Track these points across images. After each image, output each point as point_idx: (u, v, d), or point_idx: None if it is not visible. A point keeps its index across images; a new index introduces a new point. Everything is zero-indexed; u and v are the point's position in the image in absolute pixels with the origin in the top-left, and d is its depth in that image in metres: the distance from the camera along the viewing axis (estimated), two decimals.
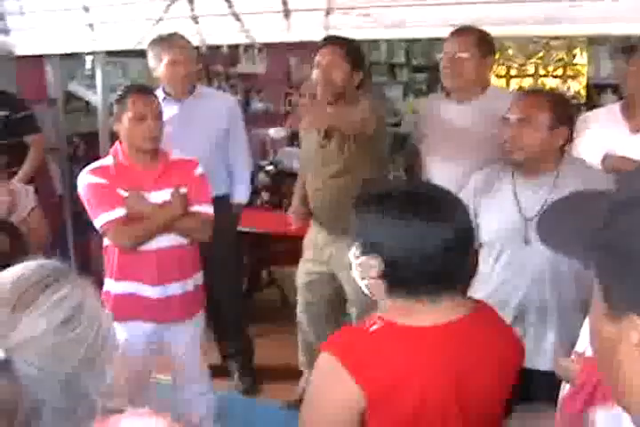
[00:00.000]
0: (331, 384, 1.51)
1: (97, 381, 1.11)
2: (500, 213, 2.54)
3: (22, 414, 1.00)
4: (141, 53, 3.72)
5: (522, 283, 2.51)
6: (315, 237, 3.46)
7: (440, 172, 3.10)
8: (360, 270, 1.60)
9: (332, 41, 3.18)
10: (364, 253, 1.57)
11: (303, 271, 3.55)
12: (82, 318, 1.10)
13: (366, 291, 1.62)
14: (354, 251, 1.61)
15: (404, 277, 1.53)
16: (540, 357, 2.46)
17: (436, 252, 1.48)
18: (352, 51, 3.17)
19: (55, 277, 1.12)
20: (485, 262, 2.55)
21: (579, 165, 2.58)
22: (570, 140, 2.56)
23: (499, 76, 6.37)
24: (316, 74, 3.19)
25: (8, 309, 1.05)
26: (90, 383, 1.09)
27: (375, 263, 1.54)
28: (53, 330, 1.05)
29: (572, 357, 1.90)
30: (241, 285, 4.44)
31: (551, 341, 2.53)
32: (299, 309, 3.62)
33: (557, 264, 2.45)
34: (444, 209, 1.52)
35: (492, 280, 2.55)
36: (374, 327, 1.53)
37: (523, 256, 2.49)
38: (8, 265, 1.15)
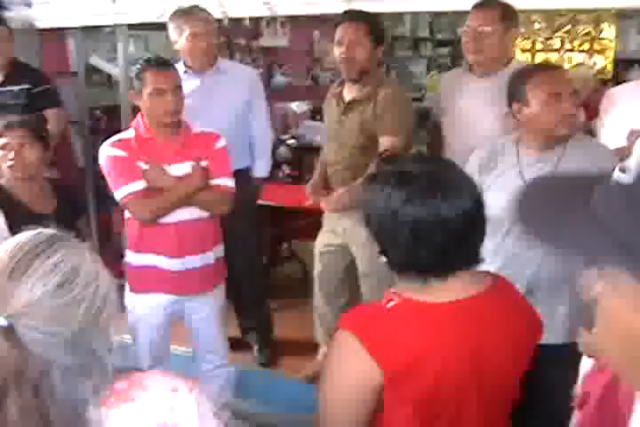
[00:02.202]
0: (348, 362, 1.51)
1: (102, 339, 1.16)
2: (507, 189, 2.53)
3: (31, 375, 1.05)
4: (163, 26, 3.71)
5: (533, 257, 2.51)
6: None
7: (461, 146, 3.07)
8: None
9: (352, 17, 3.14)
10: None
11: (320, 242, 3.56)
12: (78, 280, 1.14)
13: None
14: None
15: (397, 262, 1.55)
16: (552, 331, 2.46)
17: (419, 236, 1.47)
18: (374, 26, 3.13)
19: (49, 244, 1.16)
20: (492, 238, 2.54)
21: (583, 139, 2.61)
22: None
23: (524, 50, 6.28)
24: (338, 52, 3.16)
25: (5, 277, 1.10)
26: (95, 342, 1.14)
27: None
28: (50, 293, 1.10)
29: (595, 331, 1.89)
30: (261, 258, 4.45)
31: (562, 315, 2.53)
32: (314, 279, 3.64)
33: None
34: (445, 190, 1.48)
35: (499, 255, 2.54)
36: (391, 304, 1.52)
37: None
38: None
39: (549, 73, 2.53)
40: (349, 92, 3.26)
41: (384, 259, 1.58)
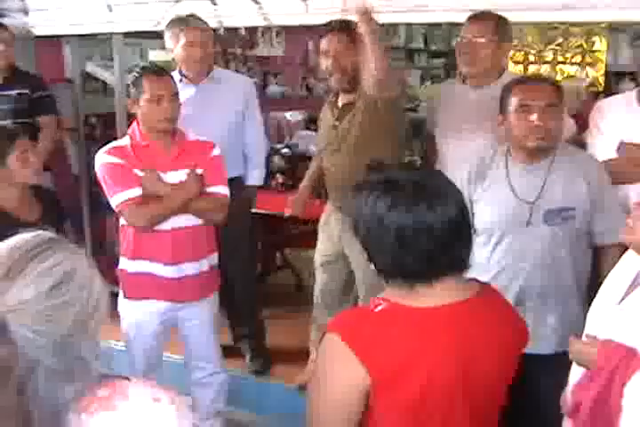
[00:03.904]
0: (337, 366, 1.54)
1: (90, 344, 1.18)
2: (497, 201, 2.56)
3: (18, 373, 1.06)
4: (159, 35, 3.73)
5: (523, 267, 2.54)
6: (328, 218, 3.48)
7: (454, 156, 3.10)
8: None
9: (336, 28, 3.16)
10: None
11: (319, 252, 3.57)
12: (72, 284, 1.16)
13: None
14: None
15: (384, 268, 1.59)
16: (541, 341, 2.48)
17: (404, 242, 1.51)
18: (357, 35, 3.13)
19: (46, 247, 1.18)
20: (481, 250, 2.57)
21: (571, 151, 2.65)
22: None
23: (516, 63, 6.32)
24: (325, 64, 3.19)
25: (0, 275, 1.12)
26: (83, 346, 1.16)
27: None
28: (44, 294, 1.12)
29: (584, 340, 1.92)
30: (254, 267, 4.46)
31: (551, 325, 2.56)
32: (315, 288, 3.64)
33: (556, 248, 2.52)
34: (430, 197, 1.52)
35: (489, 267, 2.57)
36: (379, 308, 1.55)
37: (524, 241, 2.53)
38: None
39: (524, 86, 2.54)
40: (342, 100, 3.29)
41: (372, 266, 1.61)
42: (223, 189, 2.95)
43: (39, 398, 1.08)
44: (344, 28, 3.13)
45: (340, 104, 3.30)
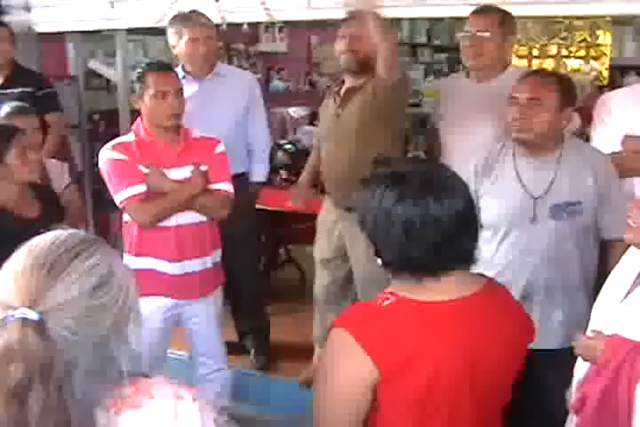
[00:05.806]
0: (344, 359, 1.53)
1: (123, 345, 1.17)
2: (505, 195, 2.55)
3: (57, 373, 1.06)
4: (161, 31, 3.73)
5: (529, 262, 2.53)
6: (327, 213, 3.47)
7: (458, 151, 3.09)
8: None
9: (355, 16, 3.17)
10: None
11: (318, 248, 3.56)
12: (112, 284, 1.16)
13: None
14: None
15: (391, 261, 1.58)
16: (547, 336, 2.47)
17: (411, 235, 1.51)
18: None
19: (86, 246, 1.17)
20: (487, 245, 2.56)
21: (579, 145, 2.64)
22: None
23: (520, 57, 6.30)
24: (340, 45, 3.20)
25: (43, 273, 1.11)
26: (117, 348, 1.15)
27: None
28: (86, 294, 1.12)
29: (589, 334, 1.91)
30: (258, 262, 4.45)
31: (558, 320, 2.55)
32: (315, 285, 3.63)
33: (562, 242, 2.51)
34: (437, 189, 1.52)
35: (495, 262, 2.56)
36: (386, 302, 1.55)
37: (530, 235, 2.52)
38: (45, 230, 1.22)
39: (519, 79, 2.56)
40: (347, 84, 3.29)
41: (380, 261, 1.61)
42: (227, 186, 2.94)
43: (76, 398, 1.08)
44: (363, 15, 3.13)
45: (343, 91, 3.29)
